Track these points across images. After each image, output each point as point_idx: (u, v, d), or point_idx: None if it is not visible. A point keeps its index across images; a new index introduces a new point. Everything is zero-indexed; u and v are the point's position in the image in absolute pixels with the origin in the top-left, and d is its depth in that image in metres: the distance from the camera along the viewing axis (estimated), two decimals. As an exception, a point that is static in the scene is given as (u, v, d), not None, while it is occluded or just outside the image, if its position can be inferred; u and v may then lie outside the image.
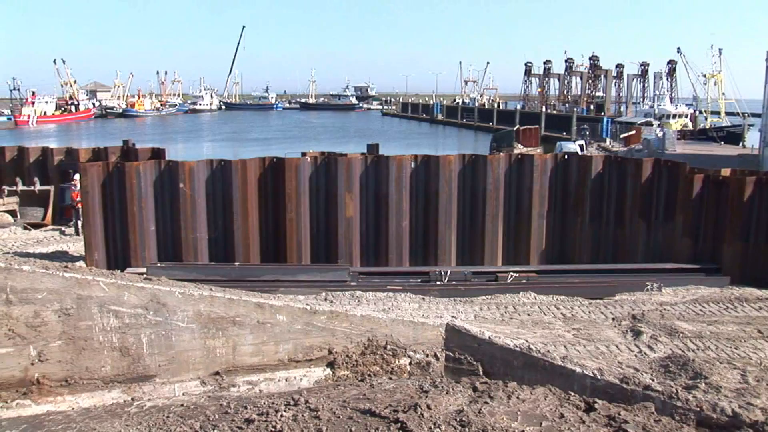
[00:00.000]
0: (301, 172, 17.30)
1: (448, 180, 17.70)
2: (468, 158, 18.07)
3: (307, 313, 8.00)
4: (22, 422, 6.79)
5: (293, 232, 17.32)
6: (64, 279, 7.29)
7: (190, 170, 16.97)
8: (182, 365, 7.68)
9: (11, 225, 26.62)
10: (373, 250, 17.82)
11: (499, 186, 17.96)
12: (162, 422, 6.44)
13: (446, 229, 17.82)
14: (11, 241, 24.28)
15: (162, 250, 17.11)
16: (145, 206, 16.89)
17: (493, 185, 17.85)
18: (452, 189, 17.77)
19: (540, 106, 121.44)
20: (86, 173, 17.12)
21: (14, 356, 7.24)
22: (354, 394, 7.03)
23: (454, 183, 17.80)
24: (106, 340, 7.43)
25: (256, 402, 6.78)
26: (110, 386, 7.52)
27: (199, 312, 7.60)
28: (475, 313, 13.89)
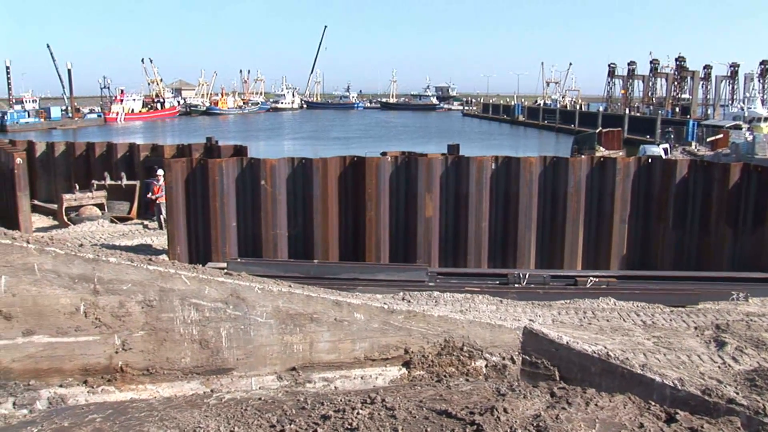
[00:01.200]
0: (381, 172, 17.37)
1: (529, 182, 17.53)
2: (549, 160, 17.88)
3: (385, 312, 8.01)
4: (108, 407, 6.99)
5: (372, 231, 17.40)
6: (148, 271, 7.47)
7: (271, 168, 17.20)
8: (259, 360, 7.78)
9: (99, 218, 27.40)
10: (451, 251, 17.78)
11: (581, 189, 17.70)
12: (240, 415, 6.54)
13: (526, 232, 17.66)
14: (99, 233, 25.03)
15: (242, 245, 17.40)
16: (227, 202, 17.19)
17: (574, 188, 17.61)
18: (532, 191, 17.60)
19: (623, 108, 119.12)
20: (170, 169, 17.53)
21: (100, 344, 7.46)
22: (430, 394, 7.01)
23: (535, 185, 17.63)
24: (186, 332, 7.58)
25: (333, 399, 6.82)
26: (189, 377, 7.66)
27: (278, 308, 7.69)
28: (553, 317, 13.72)
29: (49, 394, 7.35)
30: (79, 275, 7.32)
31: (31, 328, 7.32)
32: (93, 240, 23.49)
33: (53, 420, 6.63)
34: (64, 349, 7.39)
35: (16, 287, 7.24)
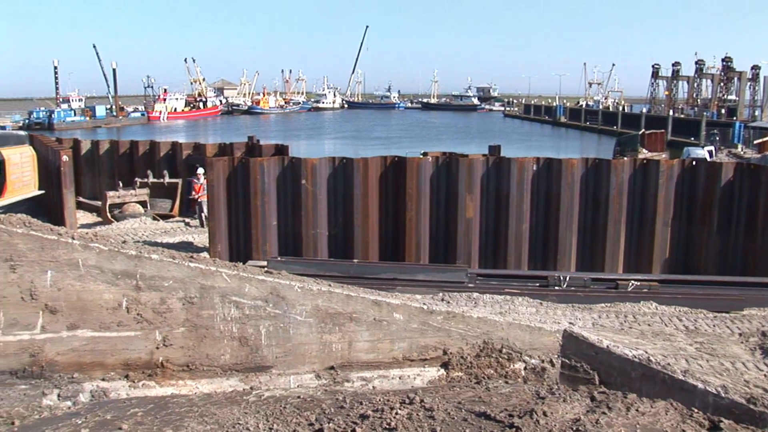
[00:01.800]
0: (422, 172, 17.35)
1: (570, 184, 17.38)
2: (591, 162, 17.71)
3: (424, 312, 8.01)
4: (149, 402, 7.08)
5: (412, 231, 17.38)
6: (189, 269, 7.54)
7: (312, 167, 17.26)
8: (298, 358, 7.81)
9: (142, 215, 27.73)
10: (491, 252, 17.70)
11: (623, 191, 17.50)
12: (279, 412, 6.57)
13: (567, 234, 17.51)
14: (141, 230, 25.32)
15: (282, 244, 17.48)
16: (268, 201, 17.28)
17: (616, 190, 17.42)
18: (574, 193, 17.45)
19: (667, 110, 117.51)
20: (212, 168, 17.67)
21: (141, 339, 7.55)
22: (469, 396, 6.98)
23: (576, 187, 17.47)
24: (226, 329, 7.65)
25: (372, 398, 6.82)
26: (228, 374, 7.73)
27: (317, 307, 7.72)
28: (594, 320, 13.58)
29: (91, 387, 7.46)
30: (122, 271, 7.43)
31: (75, 323, 7.44)
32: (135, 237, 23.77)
33: (96, 412, 6.72)
34: (107, 343, 7.50)
35: (61, 282, 7.36)
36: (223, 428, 6.22)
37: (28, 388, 7.38)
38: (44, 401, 7.23)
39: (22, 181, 26.27)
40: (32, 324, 7.42)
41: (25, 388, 7.37)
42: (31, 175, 27.16)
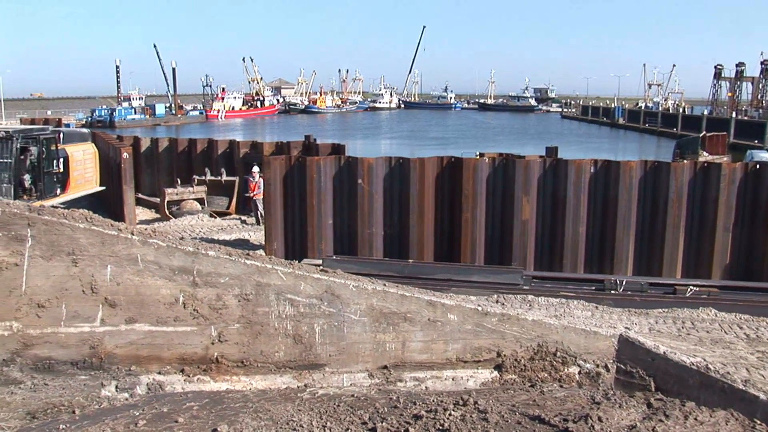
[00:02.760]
0: (478, 173, 17.29)
1: (629, 186, 17.14)
2: (650, 165, 17.44)
3: (479, 314, 7.96)
4: (204, 396, 7.17)
5: (468, 232, 17.33)
6: (245, 266, 7.61)
7: (368, 167, 17.32)
8: (352, 357, 7.83)
9: (199, 212, 28.10)
10: (547, 255, 17.55)
11: (682, 195, 17.19)
12: (332, 410, 6.59)
13: (624, 237, 17.27)
14: (198, 227, 25.67)
15: (338, 243, 17.57)
16: (324, 200, 17.39)
17: (675, 194, 17.12)
18: (632, 196, 17.20)
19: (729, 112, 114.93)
20: (269, 166, 17.84)
21: (197, 335, 7.64)
22: (523, 399, 6.93)
23: (635, 190, 17.22)
24: (281, 326, 7.70)
25: (425, 399, 6.81)
26: (282, 371, 7.78)
27: (372, 306, 7.72)
28: (650, 326, 13.39)
29: (148, 380, 7.58)
30: (180, 267, 7.53)
31: (133, 317, 7.56)
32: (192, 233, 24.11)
33: (153, 405, 6.83)
34: (163, 337, 7.61)
35: (120, 276, 7.49)
36: (277, 425, 6.26)
37: (87, 378, 7.53)
38: (103, 392, 7.36)
39: (84, 178, 26.81)
40: (92, 317, 7.57)
41: (85, 379, 7.53)
42: (93, 172, 27.71)
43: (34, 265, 7.45)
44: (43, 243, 7.45)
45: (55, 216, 7.56)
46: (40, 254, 7.46)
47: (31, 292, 7.49)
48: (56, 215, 7.59)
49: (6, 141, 22.17)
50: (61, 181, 25.07)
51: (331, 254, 16.80)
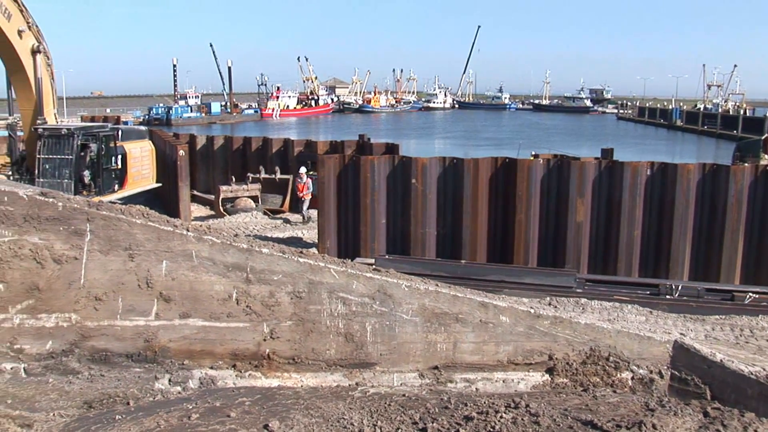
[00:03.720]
0: (532, 174, 17.15)
1: (686, 190, 16.84)
2: (708, 168, 17.10)
3: (531, 316, 7.90)
4: (256, 392, 7.24)
5: (521, 233, 17.21)
6: (298, 264, 7.66)
7: (422, 166, 17.30)
8: (402, 356, 7.83)
9: (253, 210, 28.36)
10: (601, 258, 17.34)
11: (742, 199, 16.82)
12: (383, 409, 6.60)
13: (680, 241, 16.98)
14: (252, 224, 25.93)
15: (391, 242, 17.58)
16: (378, 199, 17.41)
17: (735, 198, 16.76)
18: (690, 199, 16.89)
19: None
20: (323, 165, 17.94)
21: (249, 331, 7.71)
22: (576, 403, 6.85)
23: (692, 193, 16.90)
24: (332, 325, 7.73)
25: (477, 400, 6.77)
26: (333, 369, 7.80)
27: (424, 306, 7.71)
28: (706, 332, 13.12)
29: (200, 374, 7.67)
30: (233, 264, 7.60)
31: (187, 311, 7.66)
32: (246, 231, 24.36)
33: (206, 399, 6.91)
34: (216, 333, 7.69)
35: (175, 272, 7.59)
36: (328, 422, 6.29)
37: (142, 371, 7.65)
38: (156, 385, 7.47)
39: (141, 174, 27.27)
40: (147, 311, 7.69)
41: (139, 372, 7.65)
42: (150, 169, 28.17)
43: (92, 259, 7.60)
44: (101, 238, 7.59)
45: (113, 211, 7.70)
46: (98, 248, 7.60)
47: (90, 286, 7.64)
48: (114, 211, 7.73)
49: (67, 138, 22.65)
50: (119, 177, 25.54)
51: (383, 253, 16.81)
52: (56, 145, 22.60)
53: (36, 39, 21.81)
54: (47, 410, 6.75)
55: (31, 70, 21.99)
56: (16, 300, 7.70)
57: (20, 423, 6.44)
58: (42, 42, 22.02)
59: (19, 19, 20.97)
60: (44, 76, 22.45)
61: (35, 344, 7.75)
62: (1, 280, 7.65)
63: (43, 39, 22.15)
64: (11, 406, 6.81)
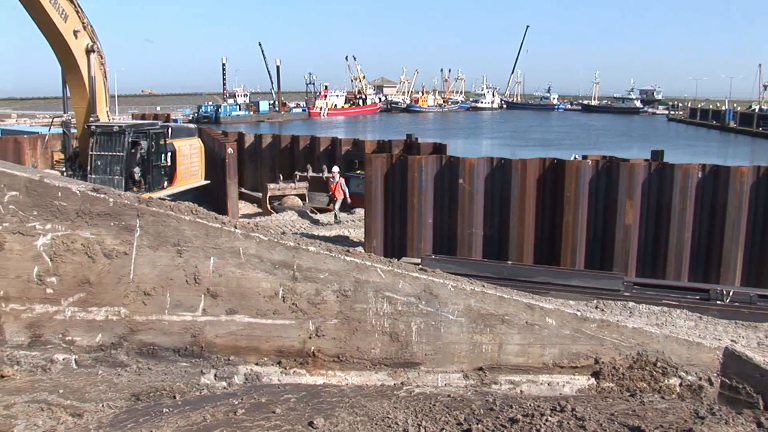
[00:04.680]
0: (581, 176, 16.98)
1: (739, 193, 16.53)
2: (763, 170, 16.76)
3: (577, 319, 7.82)
4: (302, 389, 7.28)
5: (569, 235, 17.06)
6: (345, 262, 7.68)
7: (470, 167, 17.24)
8: (447, 357, 7.80)
9: (300, 208, 28.52)
10: (649, 261, 17.11)
11: (798, 203, 16.48)
12: (428, 409, 6.59)
13: (732, 246, 16.67)
14: (299, 222, 26.09)
15: (437, 242, 17.55)
16: (425, 199, 17.39)
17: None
18: (743, 203, 16.58)
19: None
20: (371, 164, 17.96)
21: (295, 328, 7.75)
22: (622, 408, 6.76)
23: (746, 197, 16.58)
24: (378, 324, 7.73)
25: (522, 403, 6.72)
26: (377, 368, 7.81)
27: (470, 307, 7.68)
28: (759, 340, 12.87)
29: (245, 370, 7.73)
30: (280, 261, 7.65)
31: (234, 308, 7.72)
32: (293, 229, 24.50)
33: (252, 395, 6.97)
34: (262, 330, 7.75)
35: (222, 268, 7.66)
36: (372, 421, 6.30)
37: (188, 366, 7.74)
38: (202, 380, 7.55)
39: (190, 171, 27.58)
40: (194, 306, 7.77)
41: (186, 366, 7.74)
42: (199, 166, 28.48)
43: (141, 254, 7.71)
44: (150, 233, 7.70)
45: (162, 208, 7.80)
46: (148, 244, 7.71)
47: (138, 280, 7.75)
48: (163, 207, 7.83)
49: (118, 135, 23.02)
50: (169, 174, 25.86)
51: (430, 253, 16.78)
52: (108, 142, 22.98)
53: (90, 39, 22.19)
54: (97, 401, 6.87)
55: (85, 69, 22.37)
56: (68, 293, 7.86)
57: (71, 412, 6.56)
58: (96, 41, 22.39)
59: (74, 19, 21.37)
60: (97, 75, 22.82)
61: (86, 336, 7.90)
62: (54, 273, 7.81)
63: (97, 39, 22.53)
64: (63, 396, 6.95)
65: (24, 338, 7.96)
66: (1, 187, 7.80)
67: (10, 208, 7.83)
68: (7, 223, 7.83)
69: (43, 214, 7.79)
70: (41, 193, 7.77)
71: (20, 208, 7.82)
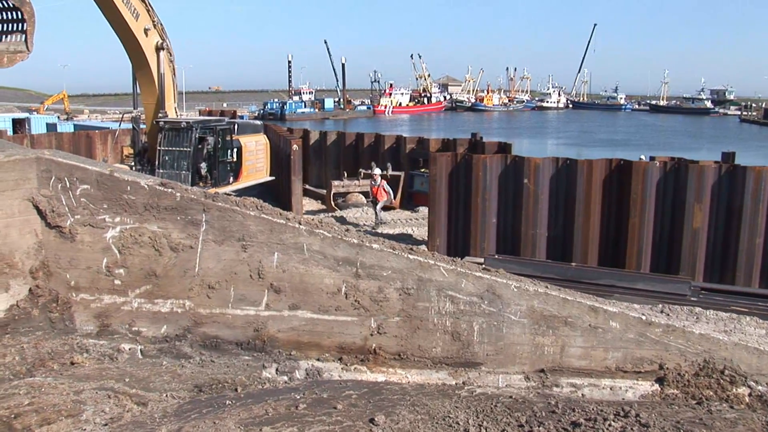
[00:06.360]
0: (648, 177, 16.69)
1: (815, 197, 16.07)
2: (841, 175, 16.27)
3: (642, 323, 7.68)
4: (363, 386, 7.30)
5: (635, 237, 16.79)
6: (408, 260, 7.67)
7: (535, 167, 17.10)
8: (508, 358, 7.74)
9: (364, 205, 28.60)
10: (718, 266, 16.74)
11: None
12: (489, 410, 6.54)
13: (807, 252, 16.22)
14: (363, 220, 26.17)
15: (501, 242, 17.46)
16: (489, 198, 17.31)
17: None
18: (819, 207, 16.12)
19: None
20: (435, 163, 17.96)
21: (357, 325, 7.78)
22: (689, 416, 6.61)
23: (822, 201, 16.12)
24: (439, 322, 7.71)
25: (585, 407, 6.63)
26: (438, 367, 7.79)
27: (533, 308, 7.60)
28: (836, 350, 12.49)
29: (306, 365, 7.79)
30: (344, 258, 7.68)
31: (296, 303, 7.79)
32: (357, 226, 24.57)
33: (313, 390, 7.02)
34: (324, 326, 7.80)
35: (286, 264, 7.73)
36: (433, 420, 6.28)
37: (250, 359, 7.83)
38: (264, 373, 7.63)
39: (255, 167, 27.85)
40: (258, 301, 7.86)
41: (248, 359, 7.83)
42: (264, 162, 28.74)
43: (206, 248, 7.83)
44: (215, 228, 7.81)
45: (228, 203, 7.90)
46: (213, 238, 7.83)
47: (203, 274, 7.87)
48: (229, 202, 7.93)
49: (186, 131, 23.39)
50: (234, 170, 26.16)
51: (493, 253, 16.70)
52: (176, 137, 23.37)
53: (160, 36, 22.60)
54: (161, 391, 7.00)
55: (154, 66, 22.79)
56: (135, 285, 8.03)
57: (137, 401, 6.70)
58: (165, 39, 22.79)
59: (145, 18, 21.79)
60: (166, 72, 23.22)
61: (151, 328, 8.07)
62: (122, 265, 7.98)
63: (167, 36, 22.93)
64: (129, 384, 7.10)
65: (93, 327, 8.18)
66: (74, 181, 8.01)
67: (82, 201, 8.03)
68: (78, 215, 8.04)
69: (113, 208, 7.97)
70: (111, 186, 7.96)
71: (91, 201, 8.01)
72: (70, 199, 8.05)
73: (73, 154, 9.81)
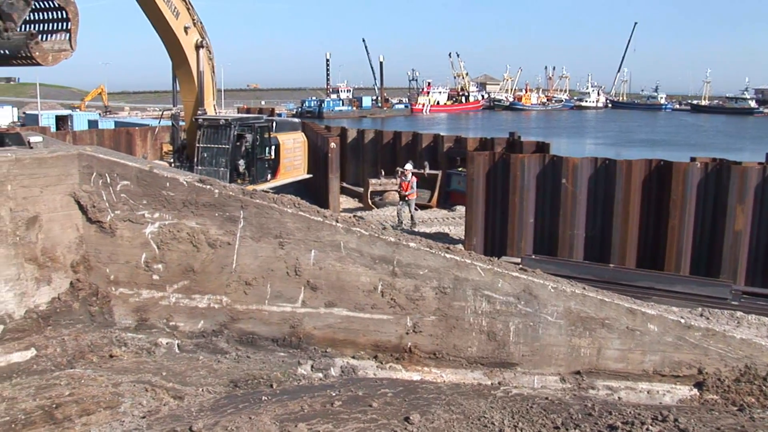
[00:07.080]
0: (689, 178, 16.45)
1: None
2: None
3: (681, 326, 7.59)
4: (398, 384, 7.31)
5: (674, 239, 16.56)
6: (444, 259, 7.66)
7: (573, 166, 16.94)
8: (544, 359, 7.70)
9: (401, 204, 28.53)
10: (761, 270, 16.44)
11: None
12: (525, 411, 6.51)
13: None
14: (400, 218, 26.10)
15: (538, 242, 17.32)
16: (527, 198, 17.19)
17: None
18: None
19: None
20: (473, 162, 17.87)
21: (392, 324, 7.79)
22: (729, 422, 6.49)
23: None
24: (475, 322, 7.69)
25: (622, 410, 6.56)
26: (473, 367, 7.77)
27: (569, 309, 7.55)
28: None
29: (342, 363, 7.82)
30: (380, 256, 7.69)
31: (333, 301, 7.81)
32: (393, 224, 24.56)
33: (349, 387, 7.03)
34: (360, 323, 7.81)
35: (323, 261, 7.76)
36: (468, 419, 6.27)
37: (286, 356, 7.87)
38: (299, 370, 7.67)
39: (293, 165, 27.96)
40: (294, 298, 7.89)
41: (284, 356, 7.87)
42: (302, 160, 28.83)
43: (244, 245, 7.88)
44: (253, 225, 7.85)
45: (265, 200, 7.94)
46: (250, 235, 7.87)
47: (240, 270, 7.93)
48: (267, 199, 7.97)
49: (224, 128, 23.56)
50: (272, 167, 26.28)
51: (530, 253, 16.56)
52: (214, 134, 23.55)
53: (200, 35, 22.78)
54: (197, 385, 7.06)
55: (194, 64, 22.97)
56: (173, 280, 8.10)
57: (173, 395, 6.77)
58: (205, 37, 22.97)
59: (185, 16, 21.99)
60: (206, 70, 23.40)
61: (188, 323, 8.14)
62: (161, 260, 8.06)
63: (206, 34, 23.11)
64: (165, 378, 7.18)
65: (131, 321, 8.27)
66: (114, 177, 8.10)
67: (122, 196, 8.13)
68: (118, 210, 8.13)
69: (152, 203, 8.05)
70: (150, 183, 8.04)
71: (131, 196, 8.11)
72: (111, 195, 8.15)
73: (114, 150, 9.93)
